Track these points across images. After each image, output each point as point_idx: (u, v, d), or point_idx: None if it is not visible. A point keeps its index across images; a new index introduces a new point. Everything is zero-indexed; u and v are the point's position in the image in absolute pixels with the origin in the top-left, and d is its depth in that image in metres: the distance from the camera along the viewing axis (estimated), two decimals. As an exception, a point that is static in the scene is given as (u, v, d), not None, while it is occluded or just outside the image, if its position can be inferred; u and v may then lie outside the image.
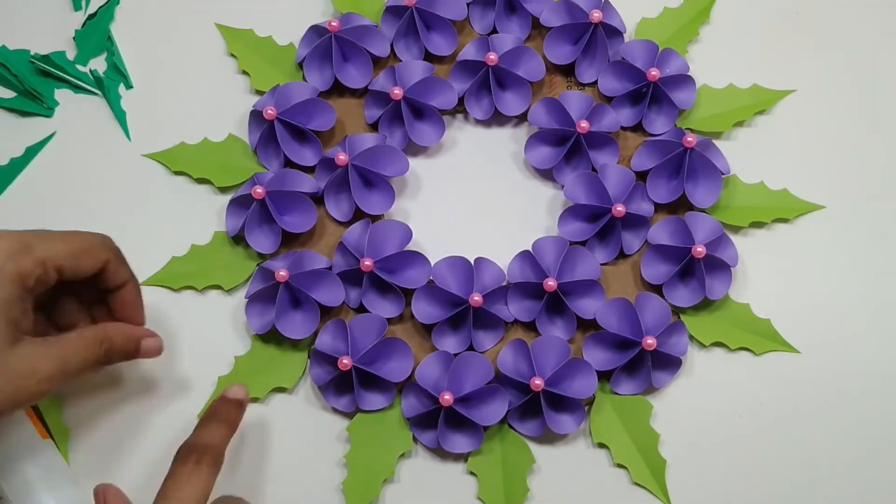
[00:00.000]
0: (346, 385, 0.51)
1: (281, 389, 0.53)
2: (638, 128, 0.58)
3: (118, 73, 0.58)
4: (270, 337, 0.53)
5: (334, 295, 0.52)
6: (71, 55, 0.59)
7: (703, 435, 0.53)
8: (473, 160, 0.58)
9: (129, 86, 0.58)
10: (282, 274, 0.50)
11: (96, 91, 0.58)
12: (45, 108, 0.57)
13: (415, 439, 0.52)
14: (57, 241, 0.45)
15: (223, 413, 0.47)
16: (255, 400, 0.53)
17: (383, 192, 0.55)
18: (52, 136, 0.58)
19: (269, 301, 0.52)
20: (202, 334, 0.54)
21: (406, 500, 0.52)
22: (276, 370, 0.53)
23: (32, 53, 0.58)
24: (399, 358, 0.52)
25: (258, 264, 0.55)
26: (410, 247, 0.54)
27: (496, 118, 0.59)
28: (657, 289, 0.54)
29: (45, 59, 0.58)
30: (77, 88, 0.58)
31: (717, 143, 0.56)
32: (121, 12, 0.60)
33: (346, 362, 0.50)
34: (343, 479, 0.51)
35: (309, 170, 0.56)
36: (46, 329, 0.48)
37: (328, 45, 0.57)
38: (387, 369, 0.51)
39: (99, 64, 0.59)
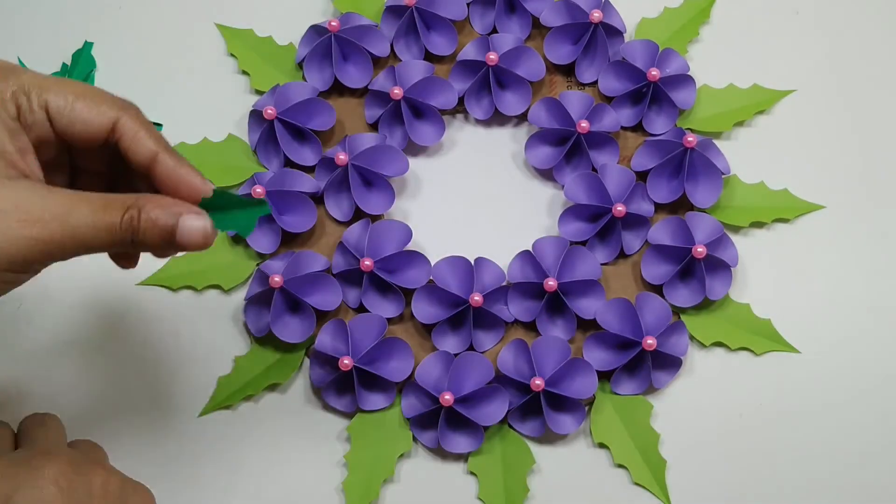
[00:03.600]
0: (346, 385, 0.51)
1: (274, 386, 0.53)
2: (638, 128, 0.58)
3: None
4: (270, 338, 0.53)
5: (331, 298, 0.52)
6: None
7: (703, 435, 0.53)
8: (473, 160, 0.58)
9: None
10: (276, 280, 0.50)
11: None
12: None
13: (415, 439, 0.52)
14: (51, 80, 0.36)
15: None
16: (258, 399, 0.53)
17: (383, 192, 0.55)
18: None
19: (266, 304, 0.52)
20: (202, 334, 0.54)
21: (406, 501, 0.51)
22: (276, 370, 0.53)
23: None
24: (399, 358, 0.52)
25: (258, 264, 0.55)
26: (410, 247, 0.54)
27: (496, 118, 0.59)
28: (657, 289, 0.54)
29: None
30: None
31: (717, 143, 0.56)
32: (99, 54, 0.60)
33: (346, 363, 0.50)
34: (343, 479, 0.51)
35: (309, 170, 0.56)
36: None
37: (328, 44, 0.57)
38: (387, 369, 0.51)
39: None
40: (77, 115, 0.36)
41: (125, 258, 0.40)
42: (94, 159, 0.39)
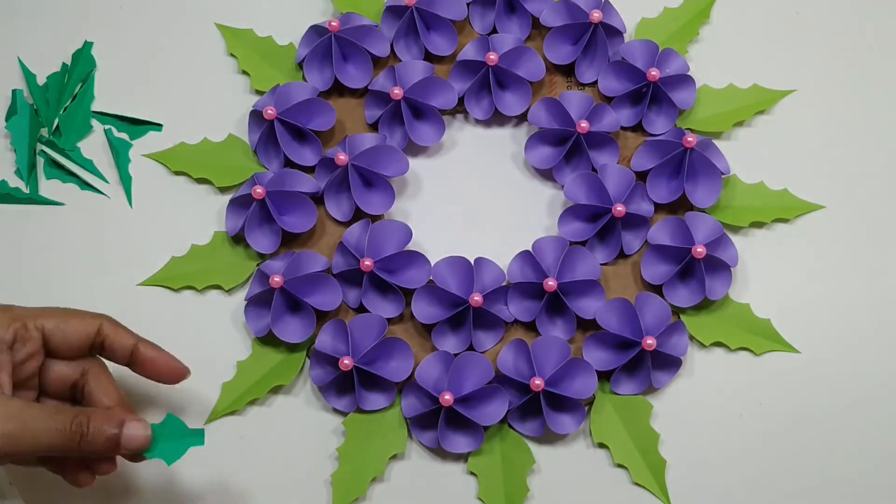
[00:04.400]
0: (346, 385, 0.51)
1: (278, 387, 0.53)
2: (638, 128, 0.58)
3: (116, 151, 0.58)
4: (271, 338, 0.53)
5: (331, 298, 0.52)
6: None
7: (703, 435, 0.53)
8: (473, 160, 0.58)
9: (127, 188, 0.57)
10: (276, 280, 0.50)
11: (101, 191, 0.57)
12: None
13: (411, 438, 0.52)
14: (43, 309, 0.45)
15: None
16: (254, 400, 0.53)
17: (383, 192, 0.55)
18: None
19: (266, 304, 0.52)
20: (203, 335, 0.54)
21: (406, 500, 0.52)
22: (278, 371, 0.53)
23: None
24: (399, 358, 0.52)
25: (258, 264, 0.55)
26: (410, 247, 0.54)
27: (496, 118, 0.59)
28: (657, 289, 0.54)
29: (51, 144, 0.58)
30: (84, 185, 0.57)
31: (717, 143, 0.56)
32: (100, 76, 0.60)
33: (346, 363, 0.50)
34: (333, 472, 0.51)
35: (309, 170, 0.56)
36: None
37: (328, 45, 0.57)
38: (387, 369, 0.51)
39: (85, 145, 0.58)
40: (71, 328, 0.45)
41: (81, 473, 0.46)
42: (63, 381, 0.46)
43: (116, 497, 0.51)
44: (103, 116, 0.58)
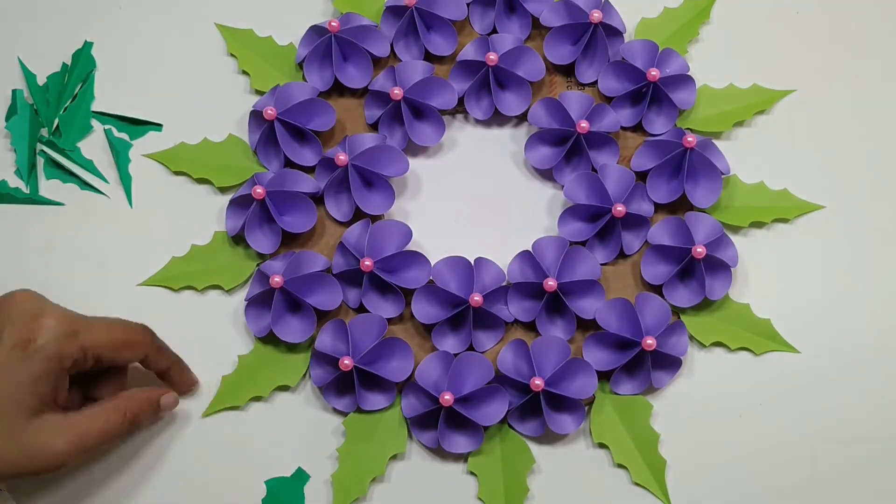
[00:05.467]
0: (346, 385, 0.51)
1: (284, 388, 0.53)
2: (638, 128, 0.58)
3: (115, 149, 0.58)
4: (272, 337, 0.53)
5: (331, 298, 0.52)
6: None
7: (703, 435, 0.53)
8: (473, 160, 0.58)
9: (126, 187, 0.57)
10: (276, 280, 0.50)
11: (101, 191, 0.57)
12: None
13: (411, 438, 0.52)
14: (103, 332, 0.47)
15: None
16: (259, 398, 0.53)
17: (383, 192, 0.55)
18: None
19: (267, 304, 0.52)
20: (203, 335, 0.54)
21: (406, 500, 0.52)
22: (279, 369, 0.53)
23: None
24: (399, 358, 0.52)
25: (258, 264, 0.55)
26: (410, 247, 0.54)
27: (496, 118, 0.59)
28: (657, 289, 0.54)
29: (51, 144, 0.58)
30: (84, 185, 0.57)
31: (717, 143, 0.56)
32: (100, 75, 0.60)
33: (347, 363, 0.50)
34: (333, 472, 0.51)
35: (309, 170, 0.56)
36: (83, 402, 0.50)
37: (328, 45, 0.57)
38: (387, 369, 0.51)
39: (85, 145, 0.58)
40: (121, 359, 0.48)
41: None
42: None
43: (114, 500, 0.51)
44: (103, 116, 0.58)
